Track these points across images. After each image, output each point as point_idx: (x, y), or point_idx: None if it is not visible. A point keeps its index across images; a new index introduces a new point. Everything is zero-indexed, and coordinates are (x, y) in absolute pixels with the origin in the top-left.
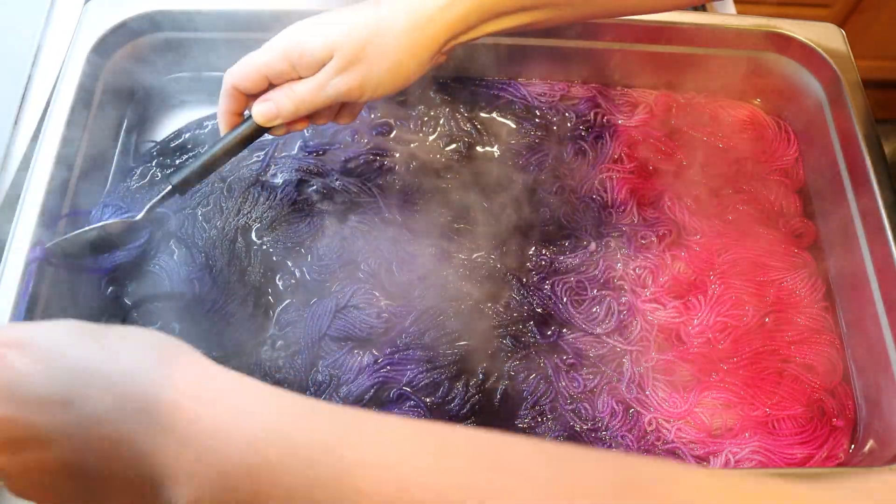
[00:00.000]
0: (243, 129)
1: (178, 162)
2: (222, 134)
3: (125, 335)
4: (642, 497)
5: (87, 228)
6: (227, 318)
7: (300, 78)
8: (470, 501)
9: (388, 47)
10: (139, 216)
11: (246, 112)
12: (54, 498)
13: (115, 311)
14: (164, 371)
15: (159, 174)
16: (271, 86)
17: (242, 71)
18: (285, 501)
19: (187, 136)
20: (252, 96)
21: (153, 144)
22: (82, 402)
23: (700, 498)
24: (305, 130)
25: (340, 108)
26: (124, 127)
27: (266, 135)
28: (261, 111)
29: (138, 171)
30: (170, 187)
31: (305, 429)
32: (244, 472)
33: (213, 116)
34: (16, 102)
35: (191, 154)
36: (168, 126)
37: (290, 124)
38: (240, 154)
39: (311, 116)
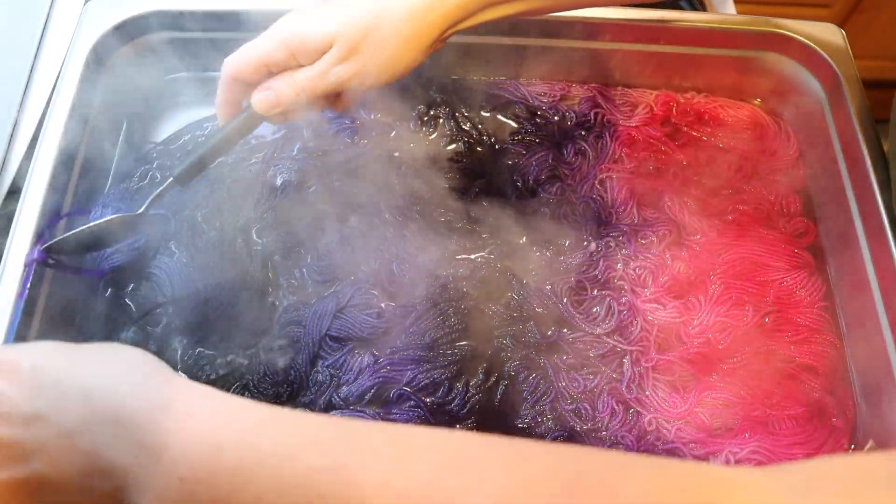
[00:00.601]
0: (242, 118)
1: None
2: (221, 125)
3: (100, 352)
4: (589, 492)
5: (86, 226)
6: (227, 318)
7: (299, 66)
8: (433, 502)
9: (388, 36)
10: (140, 210)
11: (244, 102)
12: None
13: (116, 314)
14: (136, 384)
15: (159, 175)
16: (270, 75)
17: (242, 60)
18: None
19: (187, 137)
20: (250, 86)
21: (153, 146)
22: (58, 415)
23: (644, 493)
24: (304, 131)
25: (337, 96)
26: (124, 127)
27: (264, 123)
28: (261, 100)
29: (138, 172)
30: (170, 179)
31: (270, 437)
32: (205, 477)
33: (214, 118)
34: (16, 102)
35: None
36: (168, 126)
37: (289, 113)
38: (240, 154)
39: (310, 105)
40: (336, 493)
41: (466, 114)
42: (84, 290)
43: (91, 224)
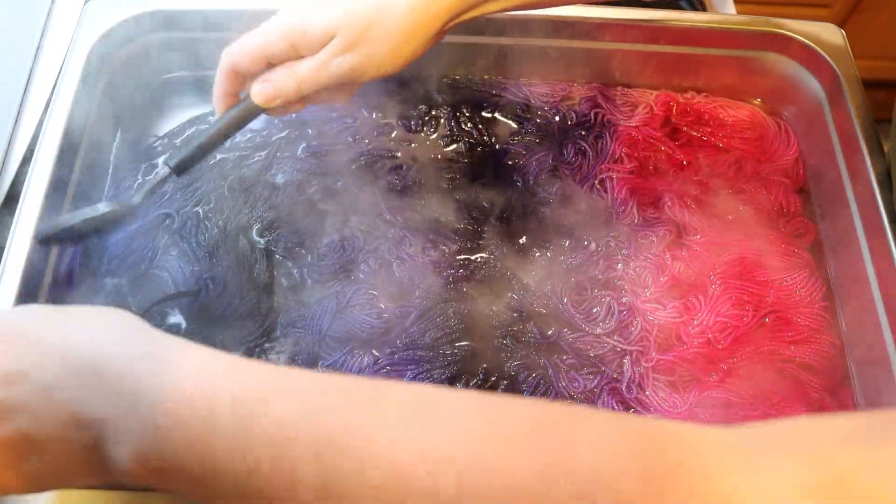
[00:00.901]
0: (240, 109)
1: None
2: (218, 115)
3: (81, 311)
4: (550, 436)
5: (84, 210)
6: (227, 318)
7: (300, 58)
8: (401, 448)
9: (391, 28)
10: (136, 199)
11: (242, 93)
12: (14, 479)
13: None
14: (115, 338)
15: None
16: (269, 66)
17: (242, 51)
18: (227, 453)
19: (191, 131)
20: (248, 77)
21: (156, 139)
22: (38, 372)
23: (599, 441)
24: (309, 130)
25: (337, 88)
26: (124, 128)
27: (262, 114)
28: (260, 92)
29: (142, 168)
30: (167, 169)
31: (241, 382)
32: (180, 422)
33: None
34: (16, 102)
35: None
36: (168, 126)
37: (288, 105)
38: (243, 152)
39: (308, 97)
40: (309, 441)
41: (467, 114)
42: (85, 290)
43: (85, 211)
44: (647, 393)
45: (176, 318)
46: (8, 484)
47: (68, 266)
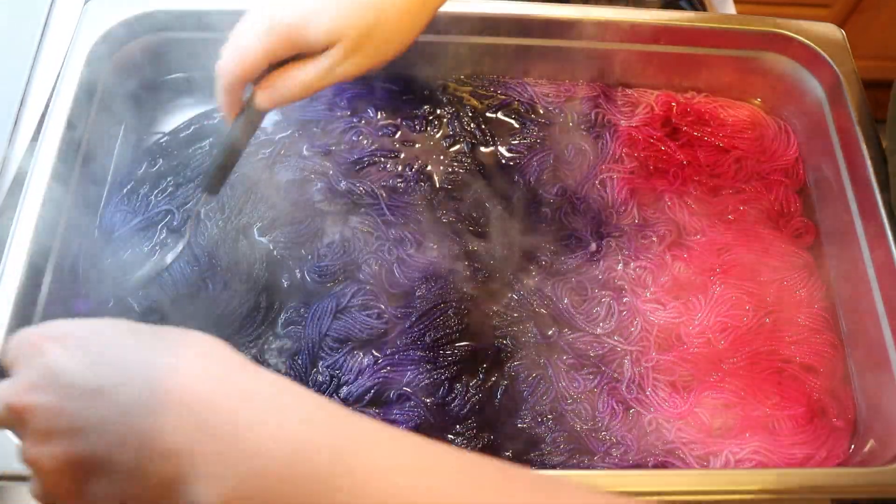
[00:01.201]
0: (250, 114)
1: (188, 151)
2: (228, 124)
3: (169, 334)
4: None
5: (154, 263)
6: (227, 317)
7: (299, 54)
8: None
9: (392, 32)
10: (186, 238)
11: (246, 93)
12: (75, 497)
13: (119, 308)
14: (206, 369)
15: (164, 165)
16: (270, 67)
17: (244, 64)
18: None
19: (196, 127)
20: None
21: (160, 135)
22: (120, 393)
23: None
24: (314, 129)
25: None
26: (124, 127)
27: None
28: (267, 99)
29: (143, 165)
30: (201, 193)
31: (346, 437)
32: (287, 476)
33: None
34: (16, 102)
35: (200, 145)
36: (168, 126)
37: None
38: (247, 150)
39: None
40: None
41: (470, 114)
42: (87, 285)
43: (155, 264)
44: (647, 393)
45: (176, 317)
46: (67, 501)
47: (69, 263)
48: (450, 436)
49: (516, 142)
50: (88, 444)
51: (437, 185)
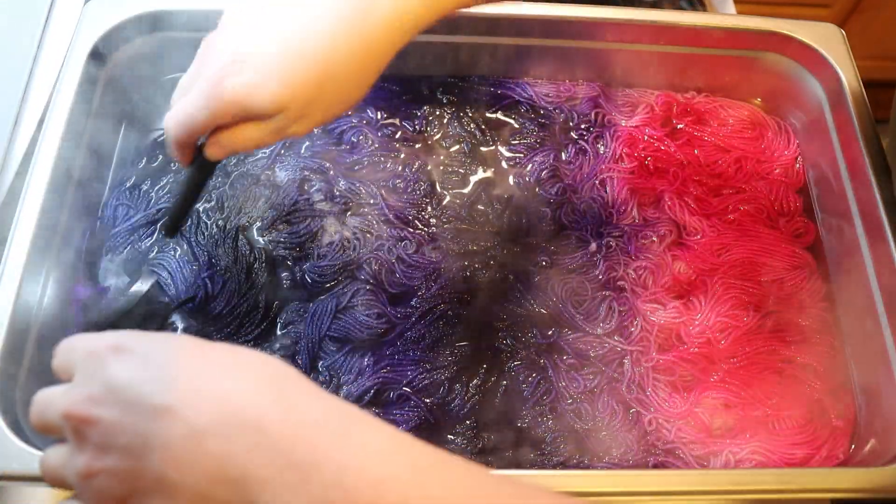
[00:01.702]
0: (202, 161)
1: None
2: (184, 167)
3: (235, 353)
4: None
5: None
6: (225, 316)
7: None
8: None
9: (340, 89)
10: (149, 283)
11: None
12: None
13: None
14: (282, 393)
15: (162, 159)
16: None
17: (186, 133)
18: None
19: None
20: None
21: (161, 133)
22: (190, 412)
23: None
24: (316, 129)
25: None
26: (124, 127)
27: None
28: (217, 153)
29: (143, 160)
30: (161, 234)
31: (440, 481)
32: None
33: None
34: (16, 102)
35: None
36: None
37: None
38: (244, 150)
39: None
40: None
41: (471, 114)
42: (86, 287)
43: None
44: (648, 393)
45: (174, 316)
46: None
47: (69, 262)
48: (450, 436)
49: (516, 142)
50: (151, 462)
51: (437, 185)
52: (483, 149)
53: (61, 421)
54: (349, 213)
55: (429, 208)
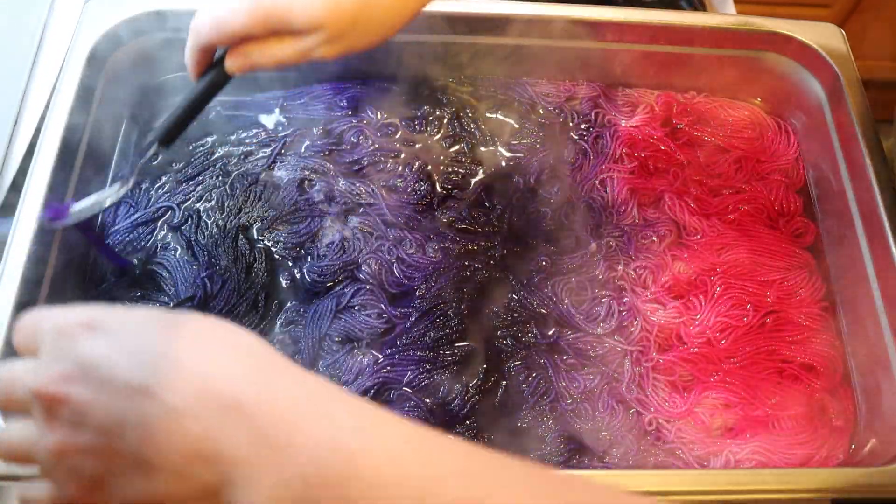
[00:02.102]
0: (214, 75)
1: (187, 149)
2: (193, 80)
3: (213, 328)
4: None
5: (97, 196)
6: (224, 316)
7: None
8: None
9: (377, 23)
10: (130, 182)
11: (217, 52)
12: (107, 496)
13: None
14: (259, 371)
15: (161, 157)
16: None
17: (219, 34)
18: None
19: (196, 125)
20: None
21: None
22: (166, 391)
23: None
24: (314, 129)
25: None
26: (124, 127)
27: (261, 117)
28: (237, 66)
29: (143, 159)
30: (154, 143)
31: (414, 454)
32: (335, 483)
33: (220, 104)
34: (16, 102)
35: (200, 143)
36: None
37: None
38: (247, 148)
39: None
40: None
41: (471, 114)
42: (80, 292)
43: (95, 202)
44: (648, 393)
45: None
46: (84, 499)
47: (70, 258)
48: (450, 436)
49: (516, 142)
50: (127, 441)
51: (437, 185)
52: (483, 149)
53: (30, 398)
54: (349, 213)
55: (429, 208)
